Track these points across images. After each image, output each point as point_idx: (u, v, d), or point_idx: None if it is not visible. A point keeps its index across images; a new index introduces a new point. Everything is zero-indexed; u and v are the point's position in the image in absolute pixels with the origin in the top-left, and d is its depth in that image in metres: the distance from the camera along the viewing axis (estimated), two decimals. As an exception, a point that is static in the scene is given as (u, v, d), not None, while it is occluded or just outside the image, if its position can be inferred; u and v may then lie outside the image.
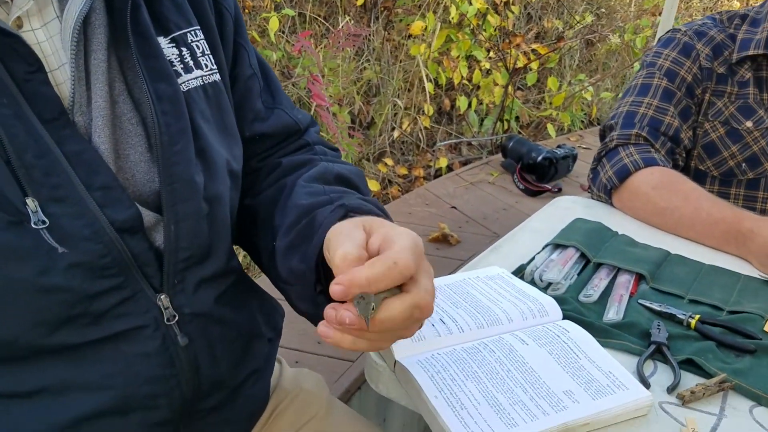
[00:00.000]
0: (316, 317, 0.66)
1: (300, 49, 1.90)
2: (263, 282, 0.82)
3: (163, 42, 0.66)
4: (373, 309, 0.52)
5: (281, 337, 0.85)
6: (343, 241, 0.55)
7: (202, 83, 0.68)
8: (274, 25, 2.56)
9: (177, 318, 0.64)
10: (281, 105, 0.80)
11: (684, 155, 1.34)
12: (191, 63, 0.68)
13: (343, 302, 0.53)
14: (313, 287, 0.64)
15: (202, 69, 0.69)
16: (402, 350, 0.82)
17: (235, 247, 0.78)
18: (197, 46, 0.69)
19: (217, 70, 0.71)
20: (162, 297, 0.63)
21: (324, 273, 0.63)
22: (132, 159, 0.62)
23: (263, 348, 0.79)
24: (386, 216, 0.66)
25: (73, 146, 0.57)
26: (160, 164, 0.61)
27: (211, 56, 0.70)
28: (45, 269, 0.54)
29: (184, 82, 0.67)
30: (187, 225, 0.63)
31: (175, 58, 0.67)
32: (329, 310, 0.53)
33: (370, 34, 2.99)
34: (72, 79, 0.58)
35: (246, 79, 0.76)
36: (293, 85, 2.50)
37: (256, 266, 0.82)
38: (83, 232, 0.56)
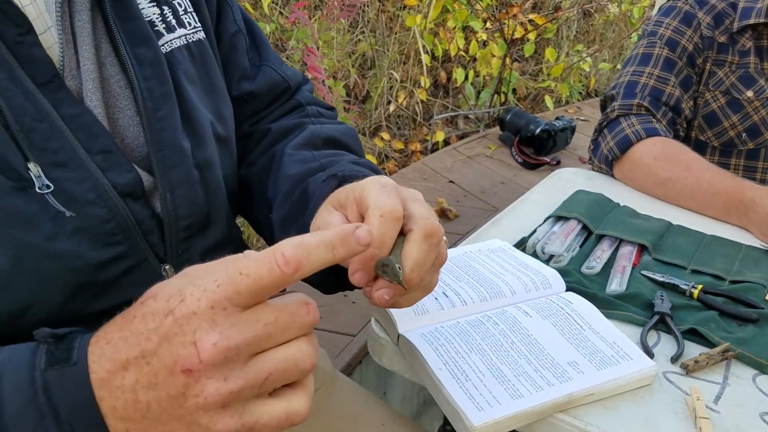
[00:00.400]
0: (320, 284, 0.67)
1: (294, 20, 1.87)
2: None
3: (143, 1, 0.64)
4: (399, 269, 0.51)
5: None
6: (322, 224, 0.55)
7: (185, 42, 0.66)
8: (267, -4, 2.52)
9: None
10: (268, 62, 0.78)
11: (685, 125, 1.33)
12: (173, 22, 0.66)
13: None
14: None
15: (185, 27, 0.67)
16: (405, 323, 0.82)
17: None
18: (179, 4, 0.67)
19: (201, 28, 0.69)
20: (166, 267, 0.62)
21: None
22: (121, 123, 0.61)
23: None
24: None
25: (69, 109, 0.56)
26: (146, 130, 0.60)
27: (194, 14, 0.68)
28: (53, 234, 0.53)
29: (166, 42, 0.65)
30: (183, 192, 0.62)
31: (157, 18, 0.65)
32: (370, 293, 0.54)
33: (364, 5, 2.95)
34: (60, 42, 0.57)
35: (231, 36, 0.74)
36: (287, 59, 2.46)
37: (256, 240, 0.81)
38: (88, 196, 0.55)
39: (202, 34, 0.69)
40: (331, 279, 0.64)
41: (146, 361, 0.40)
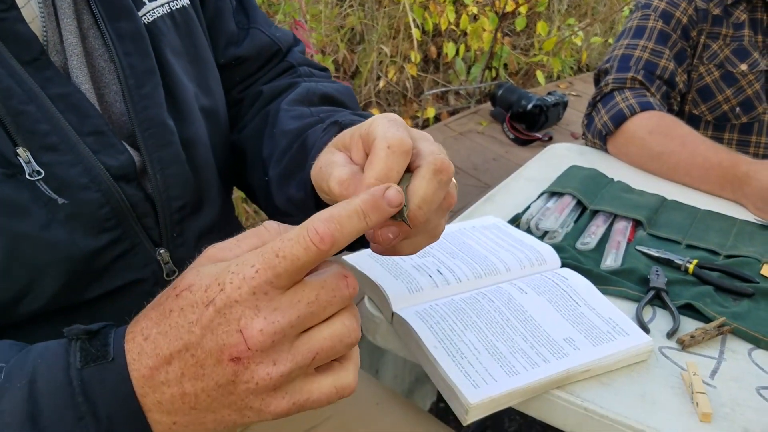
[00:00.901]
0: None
1: (282, -7, 1.83)
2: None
3: None
4: (405, 207, 0.47)
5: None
6: (327, 171, 0.50)
7: (169, 10, 0.63)
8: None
9: (177, 273, 0.62)
10: (257, 24, 0.74)
11: (678, 99, 1.32)
12: None
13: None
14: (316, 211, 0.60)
15: None
16: (399, 302, 0.81)
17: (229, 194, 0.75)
18: None
19: None
20: (161, 251, 0.60)
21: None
22: (108, 99, 0.58)
23: None
24: None
25: (58, 89, 0.53)
26: (129, 109, 0.57)
27: None
28: (46, 223, 0.51)
29: (148, 12, 0.61)
30: (173, 172, 0.60)
31: None
32: (372, 234, 0.49)
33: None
34: (42, 15, 0.54)
35: (215, 0, 0.71)
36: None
37: (245, 219, 0.79)
38: (81, 180, 0.53)
39: (186, 1, 0.66)
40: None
41: (191, 354, 0.40)
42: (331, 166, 0.50)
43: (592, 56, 3.81)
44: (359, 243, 0.62)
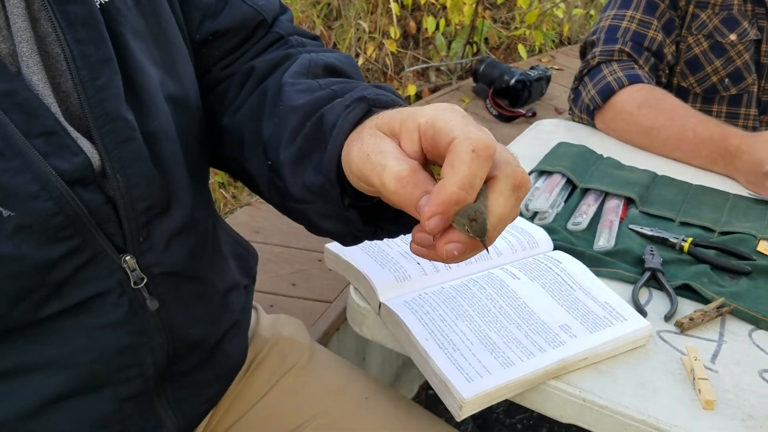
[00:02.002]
0: (343, 236, 0.58)
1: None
2: (233, 221, 0.74)
3: None
4: (486, 223, 0.42)
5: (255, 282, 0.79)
6: (378, 161, 0.44)
7: None
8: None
9: (145, 280, 0.57)
10: None
11: (667, 71, 1.29)
12: None
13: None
14: (341, 201, 0.53)
15: None
16: (387, 291, 0.77)
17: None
18: None
19: None
20: (127, 258, 0.55)
21: (348, 183, 0.52)
22: (64, 89, 0.52)
23: (240, 298, 0.72)
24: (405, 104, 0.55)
25: (2, 85, 0.47)
26: (83, 103, 0.51)
27: None
28: None
29: None
30: (136, 170, 0.54)
31: None
32: (421, 239, 0.45)
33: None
34: None
35: None
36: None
37: (223, 206, 0.71)
38: (30, 189, 0.48)
39: None
40: (353, 227, 0.55)
41: None
42: (383, 156, 0.45)
43: (574, 29, 3.76)
44: (360, 235, 0.57)
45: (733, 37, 1.24)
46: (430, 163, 0.48)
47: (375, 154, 0.45)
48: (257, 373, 0.77)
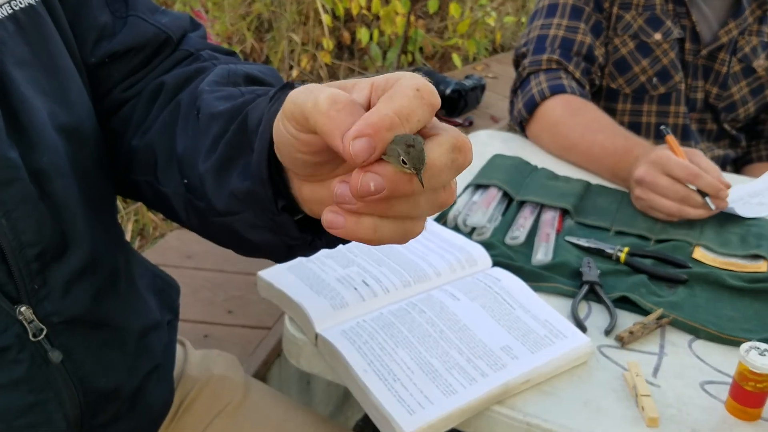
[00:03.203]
0: (275, 248, 0.51)
1: (177, -18, 1.69)
2: (163, 246, 0.68)
3: None
4: (424, 155, 0.36)
5: (181, 314, 0.74)
6: (316, 88, 0.39)
7: (10, 11, 0.51)
8: (147, -43, 2.29)
9: (45, 331, 0.52)
10: (136, 11, 0.61)
11: (599, 74, 1.30)
12: None
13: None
14: (273, 204, 0.47)
15: None
16: (323, 321, 0.74)
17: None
18: None
19: None
20: (22, 309, 0.50)
21: (282, 184, 0.47)
22: None
23: (161, 337, 0.67)
24: None
25: None
26: None
27: None
28: None
29: None
30: (22, 213, 0.49)
31: None
32: (340, 184, 0.37)
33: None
34: None
35: None
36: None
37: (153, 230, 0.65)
38: None
39: None
40: (286, 235, 0.49)
41: None
42: (323, 87, 0.39)
43: (506, 36, 3.82)
44: (286, 254, 0.52)
45: (657, 36, 1.27)
46: None
47: (316, 87, 0.39)
48: (186, 416, 0.72)
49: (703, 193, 0.94)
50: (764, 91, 1.32)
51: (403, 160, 0.36)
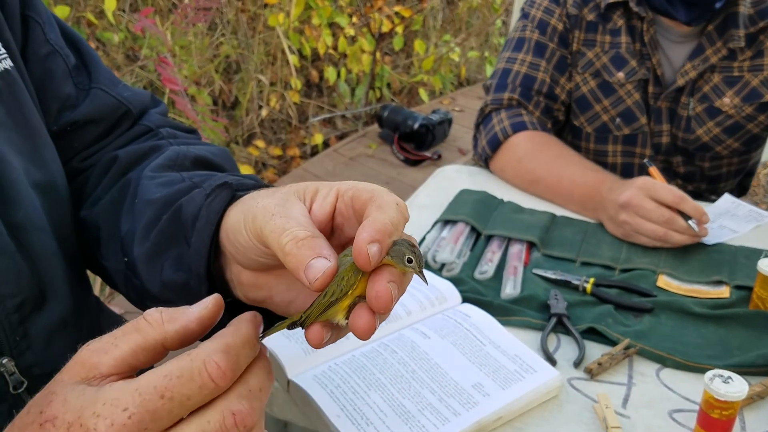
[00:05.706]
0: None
1: (142, 28, 1.70)
2: (123, 301, 0.68)
3: None
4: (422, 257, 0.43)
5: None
6: (280, 223, 0.41)
7: None
8: (111, 4, 2.30)
9: (26, 384, 0.52)
10: (99, 83, 0.64)
11: (563, 110, 1.30)
12: None
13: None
14: (207, 295, 0.49)
15: None
16: (295, 366, 0.74)
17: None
18: None
19: (6, 55, 0.55)
20: (4, 361, 0.51)
21: (218, 280, 0.50)
22: None
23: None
24: None
25: None
26: None
27: None
28: None
29: None
30: (1, 264, 0.50)
31: None
32: (366, 321, 0.40)
33: (221, 6, 2.78)
34: None
35: (42, 59, 0.61)
36: (141, 69, 2.25)
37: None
38: None
39: (8, 62, 0.55)
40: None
41: None
42: (287, 219, 0.42)
43: (471, 70, 3.91)
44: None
45: (620, 75, 1.25)
46: (336, 230, 0.46)
47: (280, 217, 0.42)
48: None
49: (686, 217, 0.96)
50: (744, 127, 1.23)
51: (408, 258, 0.41)
